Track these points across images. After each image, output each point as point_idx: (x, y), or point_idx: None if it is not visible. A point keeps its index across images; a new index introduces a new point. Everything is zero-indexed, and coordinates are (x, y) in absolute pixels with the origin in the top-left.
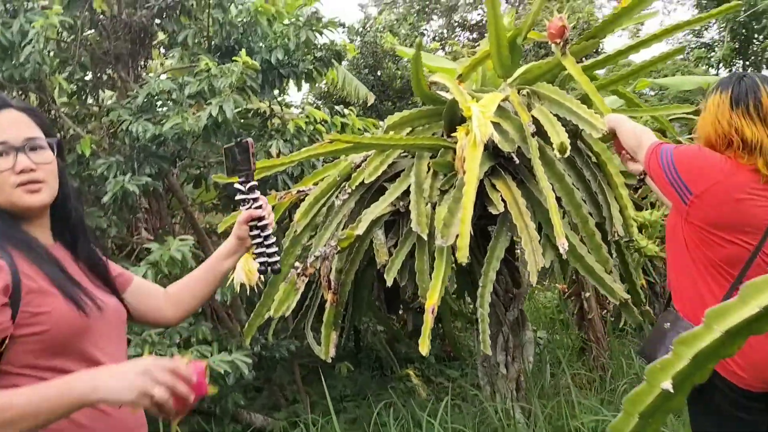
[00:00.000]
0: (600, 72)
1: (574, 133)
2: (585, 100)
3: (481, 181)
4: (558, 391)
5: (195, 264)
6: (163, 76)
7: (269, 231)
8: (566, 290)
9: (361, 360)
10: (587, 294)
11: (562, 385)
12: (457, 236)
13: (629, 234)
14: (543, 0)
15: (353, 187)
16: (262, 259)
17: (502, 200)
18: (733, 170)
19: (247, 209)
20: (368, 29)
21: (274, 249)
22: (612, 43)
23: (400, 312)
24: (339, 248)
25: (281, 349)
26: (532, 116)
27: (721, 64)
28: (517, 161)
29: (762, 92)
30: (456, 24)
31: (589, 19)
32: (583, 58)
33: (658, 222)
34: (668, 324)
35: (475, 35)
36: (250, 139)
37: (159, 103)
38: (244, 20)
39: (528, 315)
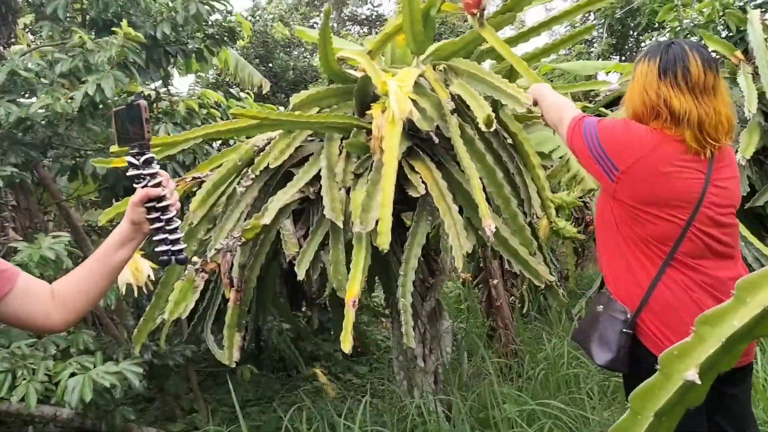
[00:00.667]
0: None
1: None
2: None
3: (398, 163)
4: (477, 381)
5: (72, 265)
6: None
7: (172, 213)
8: (470, 279)
9: (263, 361)
10: (495, 281)
11: (481, 375)
12: (376, 221)
13: (547, 215)
14: None
15: (257, 173)
16: (163, 247)
17: (422, 182)
18: (660, 142)
19: (142, 187)
20: (258, 18)
21: (178, 235)
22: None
23: (303, 308)
24: (243, 240)
25: (175, 356)
26: (451, 93)
27: (600, 59)
28: (436, 140)
29: (690, 60)
30: (346, 18)
31: None
32: None
33: (574, 202)
34: (601, 306)
35: (365, 29)
36: (143, 101)
37: (24, 83)
38: None
39: None
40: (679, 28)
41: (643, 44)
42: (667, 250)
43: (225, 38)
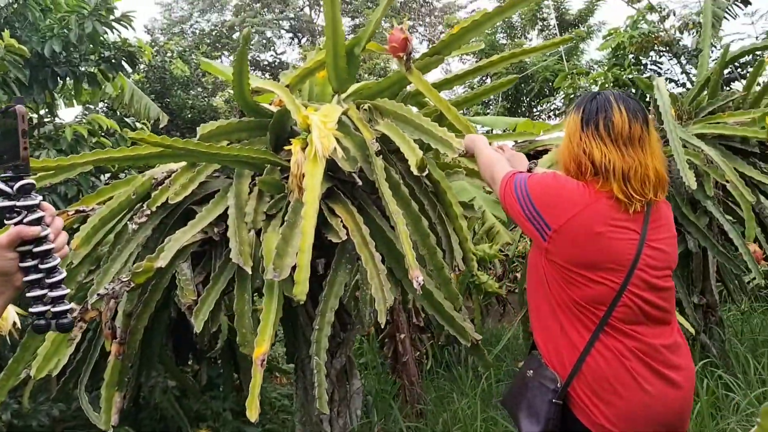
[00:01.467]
0: None
1: None
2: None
3: None
4: None
5: None
6: None
7: (54, 261)
8: (373, 333)
9: (142, 421)
10: (402, 335)
11: None
12: (292, 268)
13: (469, 268)
14: (385, 7)
15: (153, 209)
16: (40, 308)
17: (344, 227)
18: (592, 199)
19: (15, 224)
20: (156, 53)
21: (62, 291)
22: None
23: (190, 362)
24: (132, 285)
25: (40, 416)
26: (378, 133)
27: None
28: (359, 183)
29: (614, 110)
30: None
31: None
32: None
33: (496, 255)
34: (531, 372)
35: (267, 75)
36: (20, 106)
37: None
38: (9, 3)
39: None
40: (573, 95)
41: (534, 109)
42: (601, 315)
43: (123, 63)
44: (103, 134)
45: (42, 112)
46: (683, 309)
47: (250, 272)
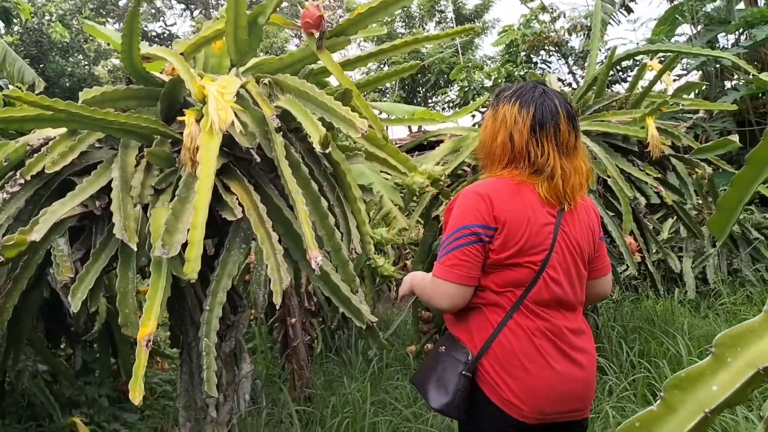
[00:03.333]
0: None
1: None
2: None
3: None
4: (277, 430)
5: None
6: None
7: None
8: (261, 317)
9: (6, 408)
10: (293, 320)
11: (281, 425)
12: (183, 245)
13: (366, 252)
14: None
15: (27, 178)
16: None
17: (239, 204)
18: (517, 189)
19: None
20: (33, 14)
21: None
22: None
23: (62, 345)
24: (2, 259)
25: None
26: (278, 108)
27: None
28: (258, 159)
29: (561, 118)
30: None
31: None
32: None
33: (393, 240)
34: (443, 347)
35: (155, 45)
36: None
37: None
38: None
39: None
40: (468, 87)
41: (430, 100)
42: (518, 295)
43: None
44: None
45: None
46: None
47: (135, 249)
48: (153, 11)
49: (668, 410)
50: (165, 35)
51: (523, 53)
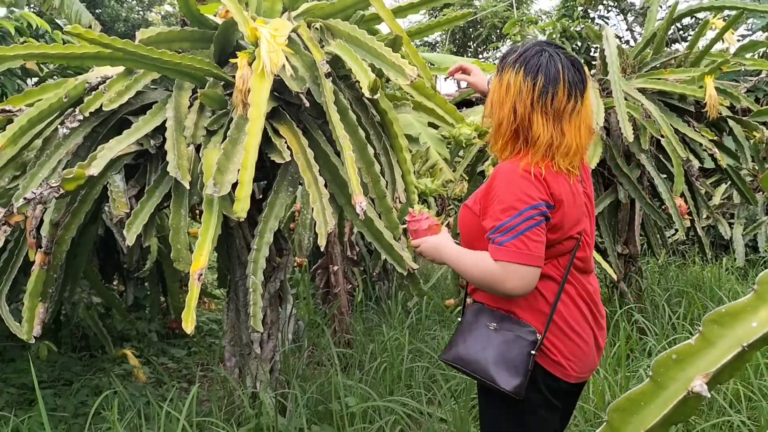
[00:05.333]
0: None
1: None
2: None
3: None
4: (317, 372)
5: None
6: None
7: None
8: (305, 263)
9: (62, 338)
10: (336, 267)
11: (321, 366)
12: (233, 185)
13: (410, 201)
14: None
15: (86, 114)
16: None
17: (288, 148)
18: (550, 172)
19: None
20: None
21: None
22: None
23: (115, 281)
24: (62, 191)
25: None
26: (329, 53)
27: None
28: (307, 104)
29: (559, 84)
30: None
31: None
32: None
33: (438, 190)
34: (494, 324)
35: None
36: None
37: None
38: None
39: None
40: (521, 43)
41: (481, 55)
42: (565, 264)
43: None
44: (31, 34)
45: None
46: (607, 256)
47: (188, 187)
48: None
49: (706, 344)
50: None
51: (580, 8)
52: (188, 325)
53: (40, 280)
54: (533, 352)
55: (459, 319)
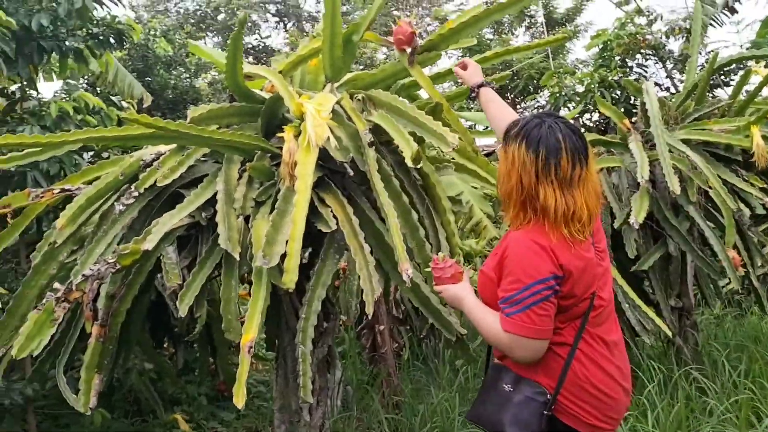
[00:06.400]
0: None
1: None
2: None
3: None
4: None
5: None
6: None
7: None
8: (350, 324)
9: (115, 403)
10: (382, 327)
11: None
12: (281, 256)
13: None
14: None
15: (141, 191)
16: None
17: (333, 217)
18: (563, 243)
19: None
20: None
21: None
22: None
23: (165, 345)
24: (118, 266)
25: (13, 394)
26: (371, 123)
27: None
28: (351, 173)
29: (562, 153)
30: None
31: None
32: None
33: (482, 252)
34: (509, 386)
35: (251, 59)
36: None
37: None
38: None
39: None
40: (558, 94)
41: (519, 106)
42: (578, 324)
43: (111, 40)
44: (88, 111)
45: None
46: (660, 311)
47: (238, 258)
48: (249, 24)
49: None
50: (260, 47)
51: (617, 57)
52: (239, 399)
53: (96, 352)
54: (545, 412)
55: (483, 376)
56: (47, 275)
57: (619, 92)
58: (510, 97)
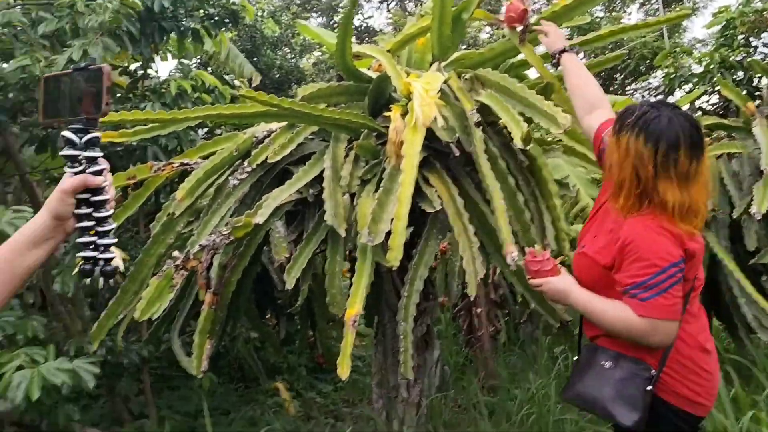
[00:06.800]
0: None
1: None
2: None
3: None
4: (464, 418)
5: None
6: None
7: (107, 212)
8: (449, 304)
9: (221, 369)
10: (479, 309)
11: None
12: (386, 234)
13: (561, 249)
14: None
15: (253, 167)
16: (89, 253)
17: (438, 197)
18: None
19: (76, 173)
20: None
21: (110, 240)
22: None
23: (268, 316)
24: (231, 238)
25: (131, 355)
26: (479, 103)
27: None
28: (457, 153)
29: (680, 150)
30: (336, 25)
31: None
32: None
33: None
34: (609, 363)
35: (354, 39)
36: (106, 66)
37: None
38: None
39: None
40: (674, 74)
41: (629, 87)
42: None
43: (226, 21)
44: (203, 90)
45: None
46: None
47: (344, 235)
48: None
49: None
50: (363, 28)
51: (740, 36)
52: (344, 370)
53: (209, 319)
54: (649, 387)
55: (575, 357)
56: (165, 244)
57: (741, 74)
58: (619, 78)
